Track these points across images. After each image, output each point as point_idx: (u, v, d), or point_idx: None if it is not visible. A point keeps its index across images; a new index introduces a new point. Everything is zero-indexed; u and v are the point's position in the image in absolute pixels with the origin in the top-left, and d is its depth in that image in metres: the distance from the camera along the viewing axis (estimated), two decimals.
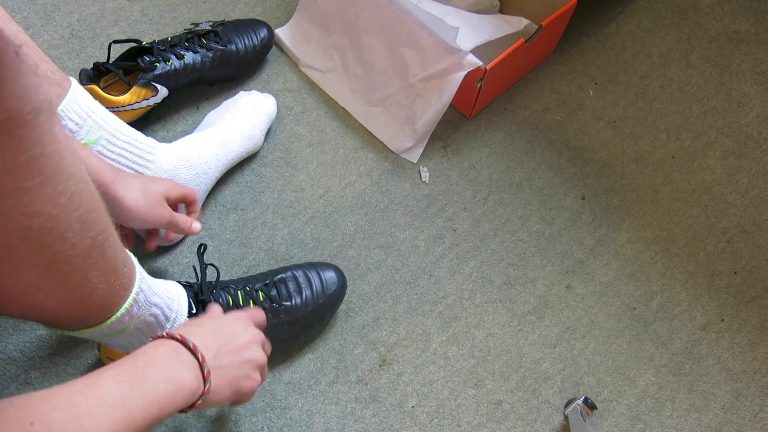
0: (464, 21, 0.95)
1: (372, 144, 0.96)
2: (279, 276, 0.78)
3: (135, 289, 0.57)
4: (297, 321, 0.76)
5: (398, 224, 0.90)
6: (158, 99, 0.90)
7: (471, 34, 0.93)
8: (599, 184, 0.96)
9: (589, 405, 0.77)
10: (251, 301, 0.74)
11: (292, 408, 0.78)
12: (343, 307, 0.83)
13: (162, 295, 0.63)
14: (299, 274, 0.79)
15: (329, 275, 0.80)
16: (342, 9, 0.96)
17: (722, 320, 0.87)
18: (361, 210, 0.91)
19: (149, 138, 0.80)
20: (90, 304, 0.53)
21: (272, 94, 0.99)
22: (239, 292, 0.74)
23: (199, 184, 0.84)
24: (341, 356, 0.81)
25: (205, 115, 0.93)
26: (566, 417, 0.79)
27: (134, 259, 0.59)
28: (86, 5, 1.03)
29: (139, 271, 0.59)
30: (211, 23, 0.95)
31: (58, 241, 0.45)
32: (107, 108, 0.86)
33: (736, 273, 0.91)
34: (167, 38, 0.91)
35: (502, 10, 1.04)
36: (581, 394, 0.80)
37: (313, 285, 0.78)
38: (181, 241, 0.87)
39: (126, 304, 0.56)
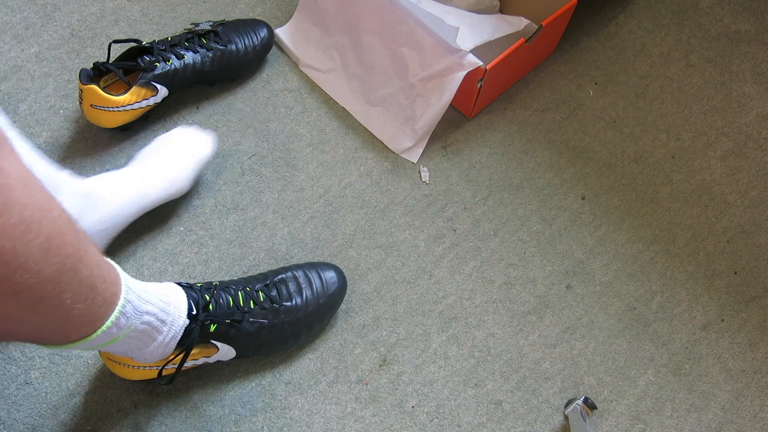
0: (464, 21, 0.95)
1: (372, 144, 0.96)
2: (279, 276, 0.78)
3: (120, 302, 0.56)
4: (298, 321, 0.76)
5: (398, 224, 0.90)
6: (158, 99, 0.90)
7: (471, 34, 0.93)
8: (599, 184, 0.96)
9: (589, 405, 0.77)
10: (251, 302, 0.74)
11: (292, 408, 0.78)
12: (343, 307, 0.83)
13: (155, 301, 0.62)
14: (299, 274, 0.79)
15: (329, 275, 0.80)
16: (342, 9, 0.96)
17: (722, 320, 0.87)
18: (361, 210, 0.91)
19: (61, 173, 0.75)
20: (69, 324, 0.53)
21: (272, 94, 0.99)
22: (239, 292, 0.74)
23: (100, 231, 0.78)
24: (341, 356, 0.81)
25: (151, 142, 0.88)
26: (566, 417, 0.79)
27: (119, 271, 0.58)
28: (86, 5, 1.03)
29: (125, 283, 0.58)
30: (211, 23, 0.95)
31: (19, 272, 0.44)
32: (107, 108, 0.87)
33: (736, 273, 0.91)
34: (167, 38, 0.91)
35: (502, 10, 1.04)
36: (581, 394, 0.80)
37: (314, 285, 0.78)
38: (181, 240, 0.87)
39: (111, 319, 0.56)
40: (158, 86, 0.89)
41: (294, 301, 0.76)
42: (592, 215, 0.93)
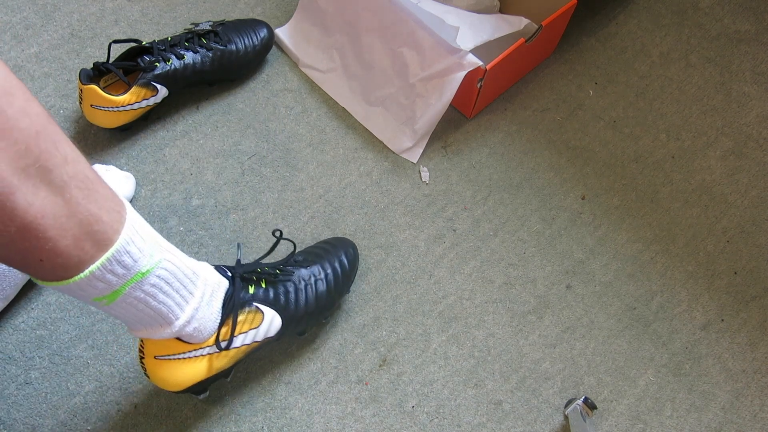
0: (464, 21, 0.95)
1: (372, 144, 0.96)
2: (295, 256, 0.78)
3: (122, 236, 0.50)
4: (327, 278, 0.77)
5: (398, 224, 0.90)
6: (158, 99, 0.90)
7: (471, 34, 0.93)
8: (599, 184, 0.96)
9: (589, 405, 0.77)
10: (277, 270, 0.73)
11: (292, 408, 0.78)
12: (343, 306, 0.83)
13: (173, 250, 0.57)
14: (311, 248, 0.81)
15: (342, 242, 0.83)
16: (342, 9, 0.96)
17: (722, 320, 0.87)
18: (361, 210, 0.91)
19: None
20: (40, 249, 0.47)
21: (272, 94, 0.99)
22: (264, 267, 0.72)
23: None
24: (341, 356, 0.81)
25: None
26: (566, 417, 0.79)
27: (125, 205, 0.53)
28: (86, 5, 1.03)
29: (131, 226, 0.52)
30: (211, 23, 0.95)
31: None
32: (107, 108, 0.87)
33: (736, 273, 0.91)
34: (167, 38, 0.91)
35: (502, 10, 1.04)
36: (581, 394, 0.80)
37: (329, 251, 0.80)
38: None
39: (98, 262, 0.49)
40: (158, 86, 0.89)
41: (319, 264, 0.77)
42: (592, 215, 0.93)
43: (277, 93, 0.99)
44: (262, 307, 0.69)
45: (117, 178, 0.87)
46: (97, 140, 0.92)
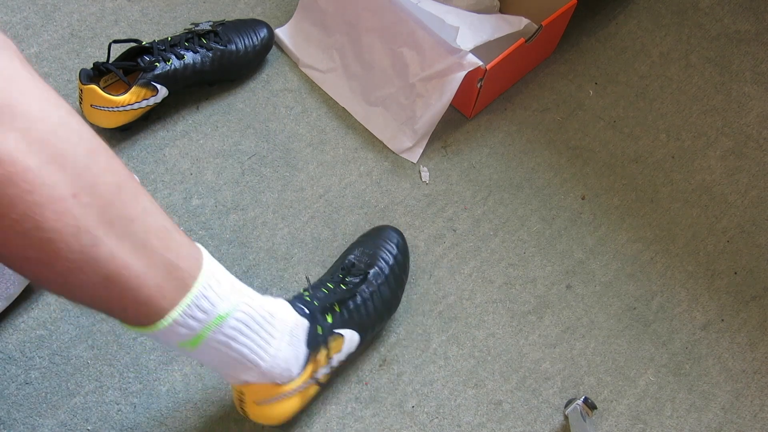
0: (464, 21, 0.95)
1: (372, 144, 0.96)
2: (348, 258, 0.80)
3: (200, 281, 0.52)
4: (388, 282, 0.79)
5: (398, 224, 0.90)
6: (158, 99, 0.90)
7: (471, 34, 0.93)
8: (599, 184, 0.96)
9: (589, 405, 0.77)
10: (342, 285, 0.75)
11: None
12: None
13: (248, 292, 0.59)
14: (362, 248, 0.81)
15: (390, 235, 0.83)
16: (342, 9, 0.96)
17: (722, 320, 0.87)
18: (361, 210, 0.91)
19: None
20: (127, 295, 0.49)
21: (272, 94, 0.99)
22: (329, 284, 0.75)
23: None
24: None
25: None
26: (566, 417, 0.79)
27: (201, 250, 0.55)
28: (86, 5, 1.03)
29: (208, 271, 0.54)
30: (211, 23, 0.95)
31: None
32: (107, 108, 0.87)
33: (736, 273, 0.91)
34: (167, 38, 0.91)
35: (502, 10, 1.04)
36: (581, 394, 0.80)
37: (382, 246, 0.81)
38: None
39: (179, 308, 0.51)
40: (158, 86, 0.89)
41: (377, 265, 0.79)
42: (592, 215, 0.93)
43: (277, 93, 0.99)
44: (341, 331, 0.72)
45: None
46: None
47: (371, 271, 0.78)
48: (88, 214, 0.44)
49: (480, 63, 0.86)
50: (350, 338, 0.73)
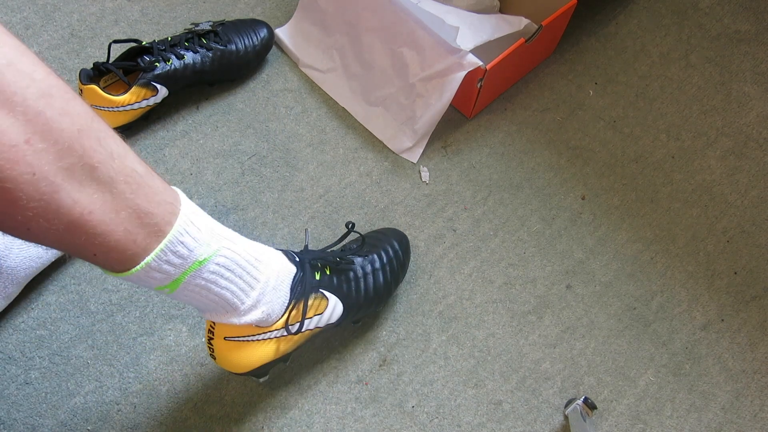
0: (464, 21, 0.95)
1: (372, 144, 0.96)
2: (347, 245, 0.80)
3: (175, 227, 0.51)
4: (385, 267, 0.78)
5: (398, 224, 0.90)
6: (158, 99, 0.90)
7: (471, 34, 0.93)
8: (599, 184, 0.96)
9: (589, 405, 0.77)
10: (339, 258, 0.74)
11: (292, 408, 0.78)
12: None
13: (232, 236, 0.58)
14: (362, 239, 0.80)
15: (391, 231, 0.84)
16: (342, 9, 0.96)
17: (722, 320, 0.87)
18: (361, 210, 0.91)
19: None
20: (99, 242, 0.48)
21: (272, 94, 0.99)
22: (328, 249, 0.75)
23: (27, 269, 0.78)
24: (341, 356, 0.81)
25: None
26: (566, 417, 0.79)
27: (179, 200, 0.53)
28: (86, 5, 1.03)
29: (184, 217, 0.52)
30: (211, 23, 0.95)
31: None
32: (107, 108, 0.87)
33: (736, 273, 0.91)
34: (167, 38, 0.91)
35: (502, 10, 1.04)
36: (581, 394, 0.80)
37: (382, 237, 0.81)
38: None
39: (152, 254, 0.50)
40: (158, 86, 0.89)
41: (376, 253, 0.78)
42: (592, 215, 0.93)
43: (277, 93, 0.99)
44: (327, 293, 0.70)
45: None
46: None
47: (371, 255, 0.78)
48: (43, 160, 0.42)
49: (480, 63, 0.86)
50: (333, 306, 0.71)
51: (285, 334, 0.67)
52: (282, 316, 0.66)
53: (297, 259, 0.68)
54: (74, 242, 0.47)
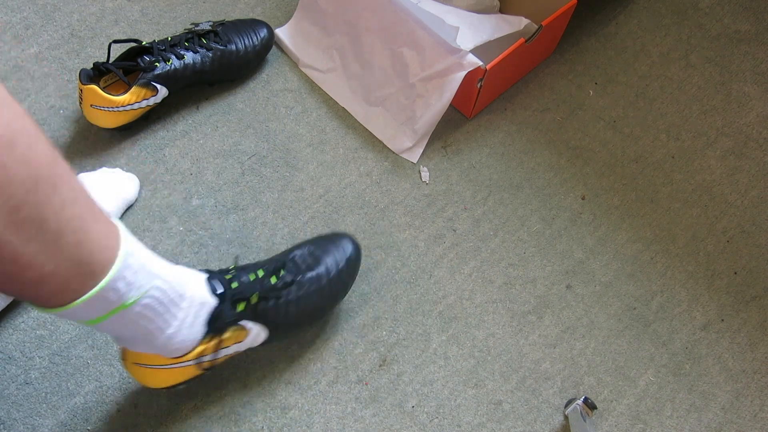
0: (464, 21, 0.95)
1: (372, 144, 0.96)
2: (293, 254, 0.76)
3: (112, 271, 0.51)
4: (322, 289, 0.75)
5: (398, 224, 0.90)
6: (158, 99, 0.90)
7: (471, 34, 0.93)
8: (599, 184, 0.96)
9: (589, 405, 0.77)
10: (274, 278, 0.72)
11: (292, 408, 0.78)
12: (343, 306, 0.83)
13: (164, 274, 0.58)
14: (312, 247, 0.77)
15: (344, 242, 0.78)
16: (342, 9, 0.96)
17: (722, 320, 0.87)
18: (361, 210, 0.91)
19: None
20: (37, 283, 0.47)
21: (272, 94, 0.99)
22: (259, 270, 0.72)
23: None
24: (341, 356, 0.81)
25: None
26: (566, 417, 0.79)
27: (120, 230, 0.52)
28: (86, 5, 1.03)
29: (125, 247, 0.52)
30: (211, 23, 0.95)
31: None
32: (107, 108, 0.87)
33: (736, 273, 0.91)
34: (167, 38, 0.91)
35: (502, 10, 1.04)
36: (581, 394, 0.80)
37: (331, 253, 0.77)
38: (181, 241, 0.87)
39: (94, 290, 0.50)
40: (158, 86, 0.89)
41: (316, 271, 0.75)
42: (592, 215, 0.93)
43: (277, 93, 0.99)
44: (248, 324, 0.69)
45: (121, 181, 0.87)
46: (97, 140, 0.92)
47: (309, 274, 0.74)
48: None
49: (480, 63, 0.86)
50: (256, 333, 0.70)
51: (194, 365, 0.67)
52: (194, 349, 0.65)
53: (220, 291, 0.65)
54: (8, 288, 0.47)
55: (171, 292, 0.59)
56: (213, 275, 0.67)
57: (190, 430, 0.76)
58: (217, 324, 0.65)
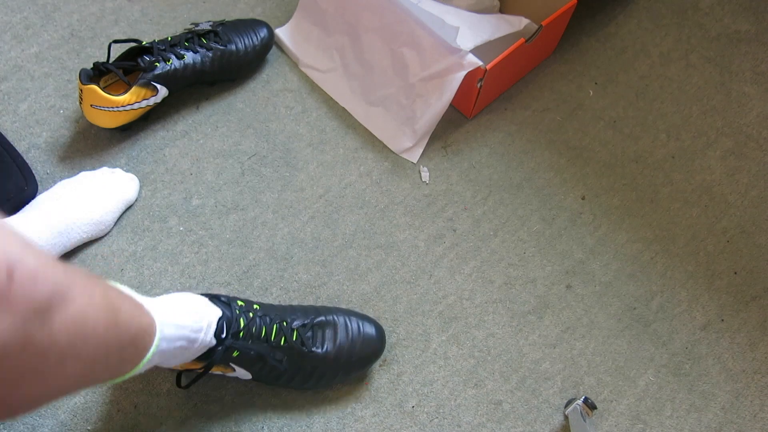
0: (464, 21, 0.95)
1: (372, 144, 0.96)
2: (320, 318, 0.75)
3: (152, 350, 0.57)
4: (316, 369, 0.74)
5: (398, 224, 0.90)
6: (158, 99, 0.90)
7: (471, 34, 0.93)
8: (599, 184, 0.96)
9: (589, 405, 0.77)
10: (283, 339, 0.71)
11: (292, 408, 0.78)
12: (343, 306, 0.83)
13: (187, 331, 0.62)
14: (340, 321, 0.76)
15: (369, 332, 0.77)
16: (342, 9, 0.96)
17: (722, 320, 0.87)
18: (361, 210, 0.91)
19: None
20: (98, 374, 0.54)
21: (272, 94, 0.99)
22: (275, 324, 0.71)
23: None
24: None
25: (62, 179, 0.87)
26: (566, 417, 0.79)
27: (153, 317, 0.58)
28: (86, 5, 1.03)
29: (160, 328, 0.58)
30: (211, 23, 0.95)
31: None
32: (107, 108, 0.87)
33: (736, 273, 0.91)
34: (167, 38, 0.91)
35: (502, 10, 1.04)
36: (581, 394, 0.80)
37: (350, 336, 0.75)
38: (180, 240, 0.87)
39: (140, 364, 0.57)
40: (158, 86, 0.89)
41: (324, 348, 0.74)
42: (592, 215, 0.93)
43: (277, 93, 0.99)
44: (236, 367, 0.71)
45: (121, 180, 0.87)
46: (97, 140, 0.92)
47: (316, 350, 0.73)
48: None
49: (480, 63, 0.86)
50: (240, 374, 0.73)
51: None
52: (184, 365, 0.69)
53: (222, 335, 0.66)
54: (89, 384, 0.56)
55: (185, 344, 0.63)
56: (229, 311, 0.68)
57: (190, 430, 0.76)
58: (209, 359, 0.67)
